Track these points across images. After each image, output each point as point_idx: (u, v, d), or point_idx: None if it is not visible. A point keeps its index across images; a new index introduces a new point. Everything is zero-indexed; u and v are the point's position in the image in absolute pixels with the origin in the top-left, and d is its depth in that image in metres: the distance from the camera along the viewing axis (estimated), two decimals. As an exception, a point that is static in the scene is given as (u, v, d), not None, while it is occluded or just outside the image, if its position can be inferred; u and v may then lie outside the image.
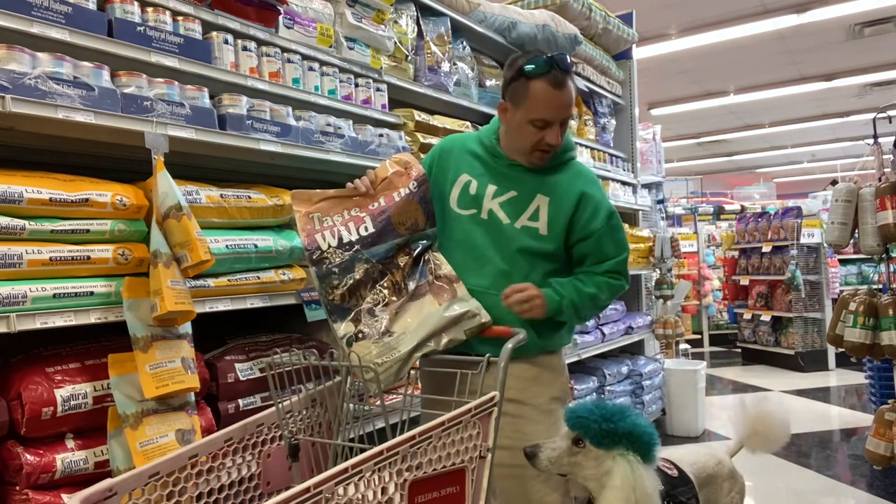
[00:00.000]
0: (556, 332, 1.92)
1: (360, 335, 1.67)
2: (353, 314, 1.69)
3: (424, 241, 1.80)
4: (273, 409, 1.60)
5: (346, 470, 1.15)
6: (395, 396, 2.23)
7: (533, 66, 1.74)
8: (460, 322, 1.69)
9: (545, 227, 1.86)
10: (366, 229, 1.75)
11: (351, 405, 1.75)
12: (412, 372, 1.72)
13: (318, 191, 1.80)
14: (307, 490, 1.09)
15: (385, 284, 1.73)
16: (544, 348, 1.91)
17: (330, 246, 1.72)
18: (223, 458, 1.45)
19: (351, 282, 1.71)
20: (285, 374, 1.67)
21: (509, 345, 1.56)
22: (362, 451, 1.23)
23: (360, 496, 1.18)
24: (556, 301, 1.82)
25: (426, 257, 1.79)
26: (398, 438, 1.26)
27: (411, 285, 1.74)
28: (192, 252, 1.60)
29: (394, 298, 1.72)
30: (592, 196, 1.89)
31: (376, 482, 1.21)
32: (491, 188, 1.88)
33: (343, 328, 1.68)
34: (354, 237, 1.74)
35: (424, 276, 1.76)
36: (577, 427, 1.67)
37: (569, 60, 1.79)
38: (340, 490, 1.14)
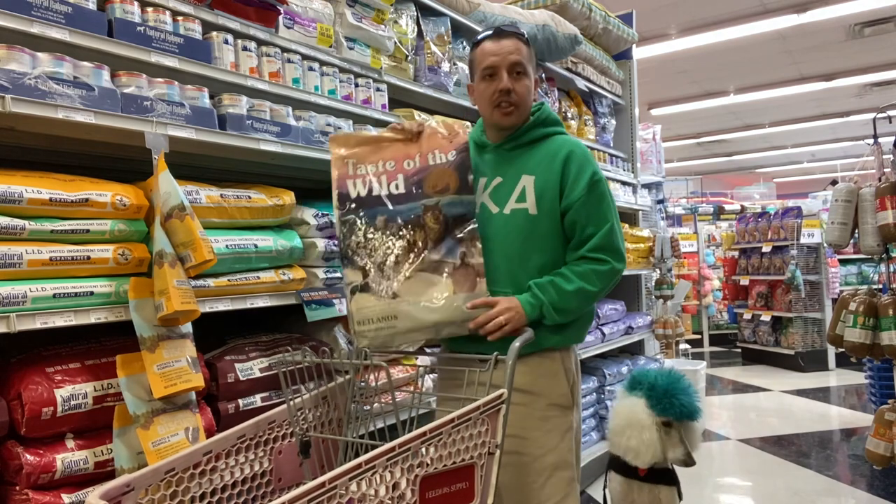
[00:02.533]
0: (557, 330, 1.80)
1: (365, 287, 1.71)
2: (364, 264, 1.72)
3: (464, 214, 1.73)
4: (283, 406, 1.61)
5: (359, 465, 1.16)
6: (403, 394, 2.23)
7: (481, 34, 1.87)
8: (466, 321, 1.71)
9: (534, 207, 1.78)
10: (396, 187, 1.76)
11: (358, 403, 1.76)
12: (416, 370, 1.71)
13: (356, 133, 1.81)
14: (322, 485, 1.11)
15: (403, 244, 1.73)
16: (544, 346, 1.80)
17: (359, 195, 1.76)
18: (236, 455, 1.47)
19: (370, 233, 1.73)
20: (296, 371, 1.68)
21: (517, 343, 1.56)
22: (372, 447, 1.24)
23: (372, 492, 1.20)
24: (534, 306, 1.73)
25: (464, 237, 1.73)
26: (410, 435, 1.27)
27: (434, 256, 1.71)
28: (196, 252, 1.60)
29: (409, 257, 1.72)
30: (576, 157, 1.80)
31: (388, 478, 1.23)
32: (482, 181, 1.88)
33: (351, 275, 1.73)
34: (384, 192, 1.76)
35: (454, 255, 1.72)
36: (666, 413, 2.07)
37: (517, 29, 1.87)
38: (353, 486, 1.16)
